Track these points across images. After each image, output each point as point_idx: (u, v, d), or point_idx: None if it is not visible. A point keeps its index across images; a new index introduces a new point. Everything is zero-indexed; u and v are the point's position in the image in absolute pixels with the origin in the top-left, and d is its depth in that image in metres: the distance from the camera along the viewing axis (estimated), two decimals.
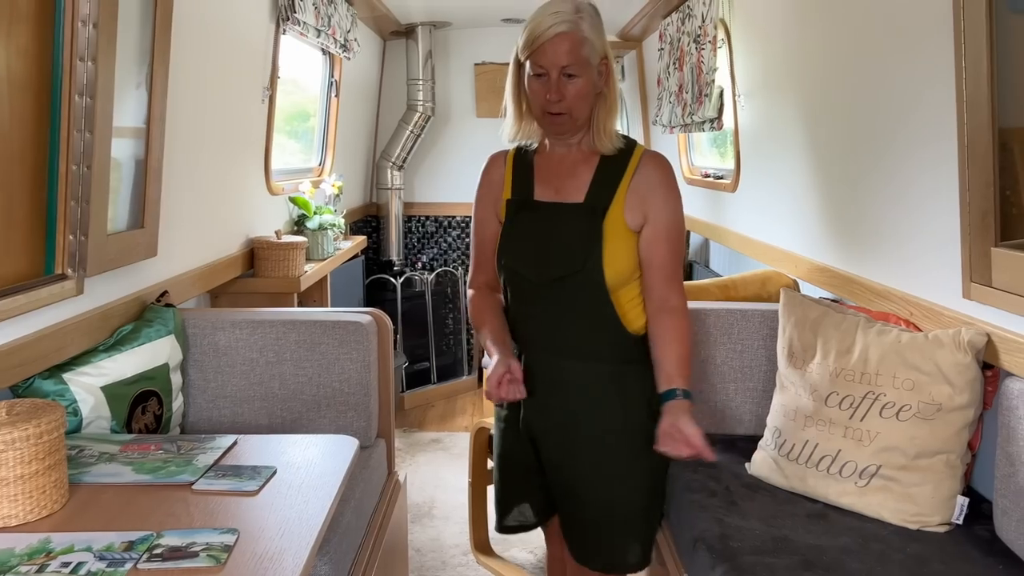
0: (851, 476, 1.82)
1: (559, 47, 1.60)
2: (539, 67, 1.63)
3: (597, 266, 1.67)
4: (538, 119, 1.72)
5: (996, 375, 1.77)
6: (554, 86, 1.63)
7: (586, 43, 1.62)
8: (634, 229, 1.70)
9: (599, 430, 1.76)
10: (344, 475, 1.48)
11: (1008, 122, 1.62)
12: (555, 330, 1.75)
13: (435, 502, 3.49)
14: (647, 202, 1.69)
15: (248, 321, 2.20)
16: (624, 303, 1.72)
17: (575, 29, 1.61)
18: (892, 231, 2.13)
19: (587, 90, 1.65)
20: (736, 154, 3.33)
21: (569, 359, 1.75)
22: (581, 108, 1.66)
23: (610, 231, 1.68)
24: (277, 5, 2.97)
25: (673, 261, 1.72)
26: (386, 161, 5.12)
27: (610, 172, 1.71)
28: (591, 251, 1.67)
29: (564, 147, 1.76)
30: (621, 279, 1.70)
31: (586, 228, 1.68)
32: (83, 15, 1.66)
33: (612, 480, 1.77)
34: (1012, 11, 1.58)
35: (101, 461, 1.54)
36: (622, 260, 1.69)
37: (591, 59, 1.64)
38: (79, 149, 1.71)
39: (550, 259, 1.70)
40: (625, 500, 1.79)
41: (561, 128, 1.70)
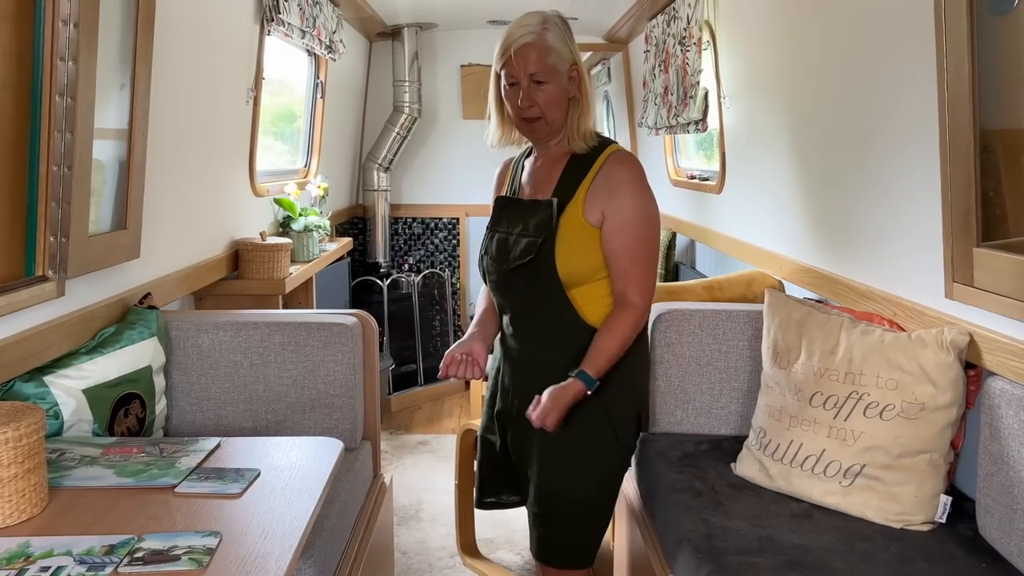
0: (835, 476, 1.83)
1: (526, 56, 1.73)
2: (511, 76, 1.76)
3: (549, 258, 1.74)
4: (517, 126, 1.83)
5: (979, 374, 1.78)
6: (525, 93, 1.75)
7: (552, 51, 1.74)
8: (596, 225, 1.76)
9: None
10: (328, 477, 1.47)
11: (990, 124, 1.63)
12: (519, 320, 1.85)
13: (422, 504, 3.48)
14: (607, 199, 1.75)
15: (232, 323, 2.18)
16: (580, 299, 1.78)
17: (540, 40, 1.73)
18: (875, 232, 2.14)
19: (557, 95, 1.76)
20: (721, 156, 3.35)
21: (530, 347, 1.85)
22: (554, 112, 1.77)
23: (566, 225, 1.76)
24: (261, 6, 2.96)
25: (628, 257, 1.75)
26: (372, 163, 5.11)
27: (576, 170, 1.79)
28: (545, 243, 1.74)
29: (544, 149, 1.87)
30: (576, 273, 1.76)
31: (543, 221, 1.76)
32: (64, 15, 1.65)
33: (559, 472, 1.81)
34: (993, 13, 1.59)
35: (82, 464, 1.52)
36: (576, 254, 1.75)
37: (558, 66, 1.75)
38: (60, 150, 1.69)
39: (512, 249, 1.79)
40: (570, 494, 1.81)
41: (538, 133, 1.81)
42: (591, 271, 1.78)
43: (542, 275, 1.76)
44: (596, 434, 1.80)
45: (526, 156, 1.96)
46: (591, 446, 1.80)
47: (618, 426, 1.81)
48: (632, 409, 1.86)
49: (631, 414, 1.86)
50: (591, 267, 1.77)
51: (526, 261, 1.76)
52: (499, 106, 1.86)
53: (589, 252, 1.76)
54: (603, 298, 1.80)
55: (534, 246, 1.76)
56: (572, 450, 1.80)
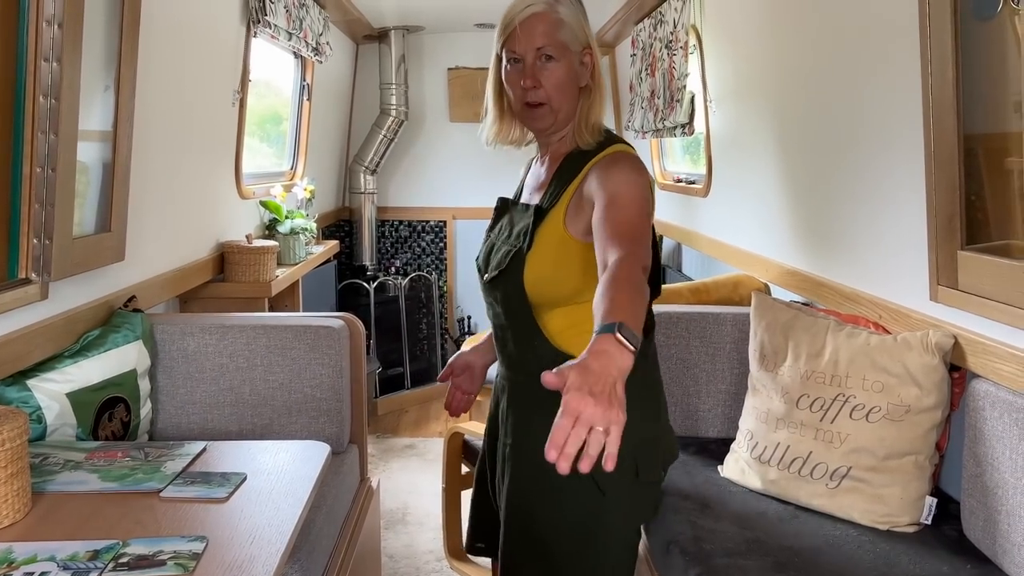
0: (822, 478, 1.83)
1: (533, 28, 1.49)
2: (513, 52, 1.51)
3: (518, 272, 1.49)
4: (518, 114, 1.57)
5: (963, 376, 1.79)
6: (529, 70, 1.49)
7: (564, 26, 1.50)
8: (580, 237, 1.47)
9: (519, 455, 1.57)
10: (315, 481, 1.46)
11: (974, 128, 1.65)
12: (500, 337, 1.63)
13: (409, 508, 3.47)
14: (597, 189, 1.43)
15: (218, 326, 2.17)
16: (552, 324, 1.51)
17: (550, 10, 1.49)
18: (861, 235, 2.16)
19: (567, 78, 1.51)
20: (707, 159, 3.36)
21: (510, 370, 1.63)
22: (561, 99, 1.51)
23: (543, 236, 1.50)
24: (248, 8, 2.95)
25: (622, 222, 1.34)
26: (359, 165, 5.10)
27: (568, 172, 1.54)
28: (517, 253, 1.50)
29: (547, 146, 1.62)
30: (545, 293, 1.49)
31: (522, 230, 1.53)
32: (48, 15, 1.63)
33: (527, 515, 1.55)
34: (977, 19, 1.61)
35: (66, 469, 1.50)
36: (547, 271, 1.48)
37: (570, 44, 1.50)
38: (43, 151, 1.67)
39: (492, 259, 1.59)
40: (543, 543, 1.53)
41: (541, 122, 1.54)
42: (565, 294, 1.49)
43: (511, 291, 1.52)
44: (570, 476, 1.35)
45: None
46: (566, 489, 1.49)
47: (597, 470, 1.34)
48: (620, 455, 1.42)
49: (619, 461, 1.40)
50: (565, 288, 1.49)
51: (496, 274, 1.54)
52: (498, 96, 1.60)
53: (567, 270, 1.48)
54: (579, 325, 1.47)
55: (507, 257, 1.52)
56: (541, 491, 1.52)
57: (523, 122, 1.59)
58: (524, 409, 1.58)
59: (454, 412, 1.87)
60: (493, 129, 1.63)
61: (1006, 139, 1.57)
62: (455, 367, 1.85)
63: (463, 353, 1.86)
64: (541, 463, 1.45)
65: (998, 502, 1.57)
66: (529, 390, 1.53)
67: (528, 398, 1.56)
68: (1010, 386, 1.58)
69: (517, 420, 1.59)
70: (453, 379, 1.85)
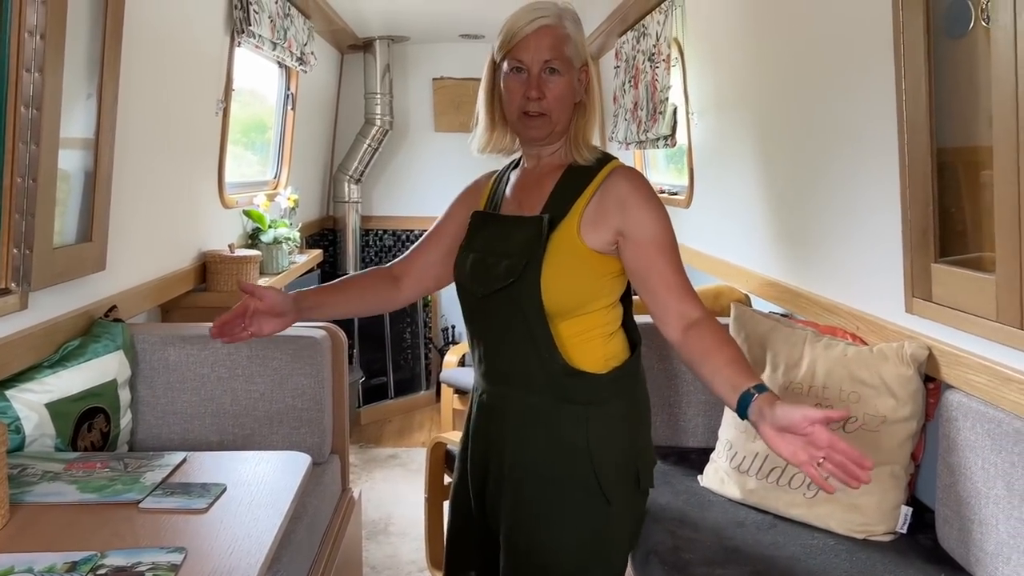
0: (800, 487, 1.85)
1: (542, 40, 1.50)
2: (518, 62, 1.51)
3: (534, 283, 1.47)
4: (513, 123, 1.56)
5: (938, 387, 1.82)
6: (534, 81, 1.50)
7: (569, 41, 1.52)
8: (595, 247, 1.49)
9: (523, 472, 1.54)
10: (295, 492, 1.47)
11: (948, 142, 1.68)
12: (495, 353, 1.58)
13: (392, 518, 3.46)
14: (621, 217, 1.49)
15: (199, 336, 2.16)
16: (565, 332, 1.51)
17: (559, 24, 1.51)
18: (839, 247, 2.18)
19: (567, 92, 1.52)
20: (689, 171, 3.39)
21: (505, 386, 1.57)
22: (560, 112, 1.52)
23: (557, 245, 1.49)
24: (232, 18, 2.95)
25: (679, 275, 1.50)
26: (343, 174, 5.10)
27: (573, 184, 1.54)
28: (529, 266, 1.48)
29: (535, 158, 1.61)
30: (564, 302, 1.49)
31: (529, 240, 1.50)
32: (30, 26, 1.63)
33: (533, 533, 1.52)
34: (949, 36, 1.64)
35: (44, 480, 1.50)
36: (566, 280, 1.49)
37: (573, 60, 1.53)
38: (24, 161, 1.67)
39: (490, 271, 1.53)
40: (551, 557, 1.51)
41: (538, 132, 1.53)
42: (580, 301, 1.50)
43: (524, 303, 1.48)
44: (577, 488, 1.50)
45: (512, 168, 1.69)
46: (572, 502, 1.51)
47: (605, 480, 1.50)
48: (624, 463, 1.54)
49: (623, 470, 1.53)
50: (581, 296, 1.50)
51: (506, 285, 1.49)
52: (490, 105, 1.59)
53: (581, 279, 1.50)
54: (588, 331, 1.52)
55: (516, 268, 1.48)
56: (548, 505, 1.51)
57: (516, 130, 1.58)
58: (522, 426, 1.54)
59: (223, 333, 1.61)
60: (484, 137, 1.63)
61: (977, 152, 1.60)
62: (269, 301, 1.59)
63: (285, 297, 1.61)
64: (546, 479, 1.51)
65: (971, 511, 1.59)
66: (528, 406, 1.53)
67: (527, 414, 1.54)
68: (982, 397, 1.61)
69: (515, 437, 1.55)
70: (255, 303, 1.60)
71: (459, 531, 1.72)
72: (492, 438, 1.59)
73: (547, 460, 1.52)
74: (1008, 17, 1.38)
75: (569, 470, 1.51)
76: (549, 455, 1.52)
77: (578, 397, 1.51)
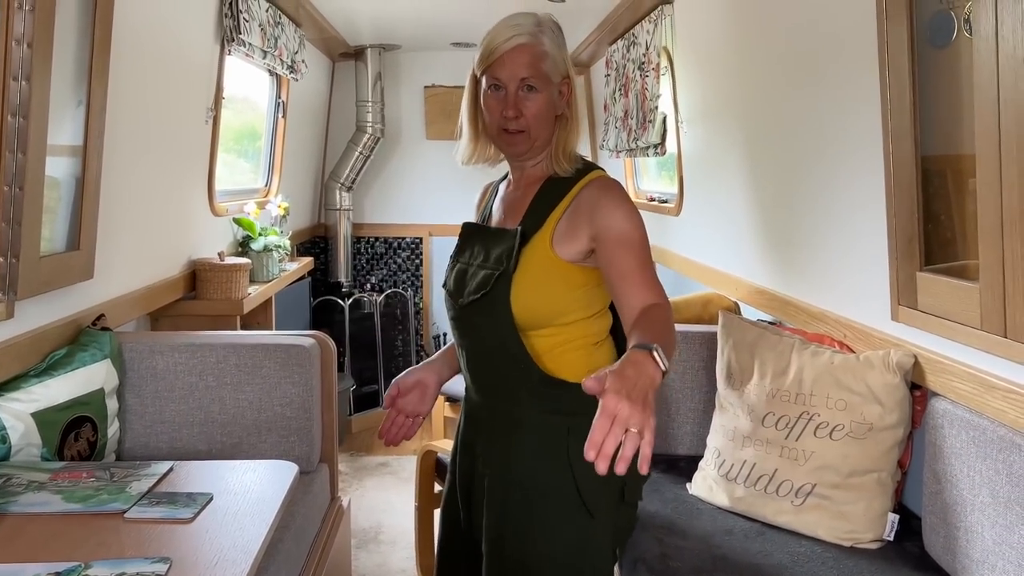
0: (787, 495, 1.86)
1: (518, 59, 1.50)
2: (496, 80, 1.51)
3: (504, 295, 1.48)
4: (494, 138, 1.58)
5: (924, 395, 1.83)
6: (511, 100, 1.50)
7: (547, 57, 1.51)
8: (568, 259, 1.49)
9: (506, 483, 1.54)
10: (282, 501, 1.46)
11: (933, 150, 1.69)
12: (476, 364, 1.59)
13: (382, 527, 3.45)
14: (591, 222, 1.48)
15: (187, 345, 2.16)
16: (539, 345, 1.51)
17: (535, 41, 1.50)
18: (826, 255, 2.20)
19: (546, 108, 1.52)
20: (679, 179, 3.40)
21: (488, 397, 1.59)
22: (539, 128, 1.53)
23: (529, 258, 1.49)
24: (222, 26, 2.95)
25: (641, 269, 1.44)
26: (335, 182, 5.10)
27: (550, 196, 1.54)
28: (501, 277, 1.49)
29: (519, 170, 1.62)
30: (533, 315, 1.49)
31: (504, 252, 1.51)
32: (17, 34, 1.63)
33: (515, 546, 1.51)
34: (933, 46, 1.66)
35: (29, 490, 1.49)
36: (535, 292, 1.49)
37: (551, 76, 1.52)
38: (11, 170, 1.67)
39: (468, 283, 1.55)
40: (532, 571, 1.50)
41: (518, 149, 1.55)
42: (554, 313, 1.50)
43: (496, 314, 1.49)
44: (560, 500, 1.49)
45: (503, 179, 1.71)
46: (554, 515, 1.49)
47: (587, 493, 1.49)
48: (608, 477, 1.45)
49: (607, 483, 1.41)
50: (555, 308, 1.50)
51: (479, 297, 1.51)
52: (473, 117, 1.60)
53: (554, 291, 1.50)
54: (569, 342, 1.52)
55: (489, 280, 1.50)
56: (531, 518, 1.50)
57: (498, 146, 1.61)
58: (506, 437, 1.54)
59: (393, 440, 1.69)
60: (468, 149, 1.63)
61: (961, 161, 1.61)
62: (403, 386, 1.68)
63: (413, 370, 1.71)
64: (528, 491, 1.50)
65: (957, 518, 1.60)
66: (511, 418, 1.54)
67: (510, 426, 1.54)
68: (967, 404, 1.62)
69: (499, 449, 1.55)
70: (398, 400, 1.69)
71: (449, 541, 1.71)
72: (477, 449, 1.59)
73: (529, 472, 1.52)
74: (990, 27, 1.39)
75: (551, 482, 1.50)
76: (531, 467, 1.52)
77: (560, 408, 1.51)
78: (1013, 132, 1.36)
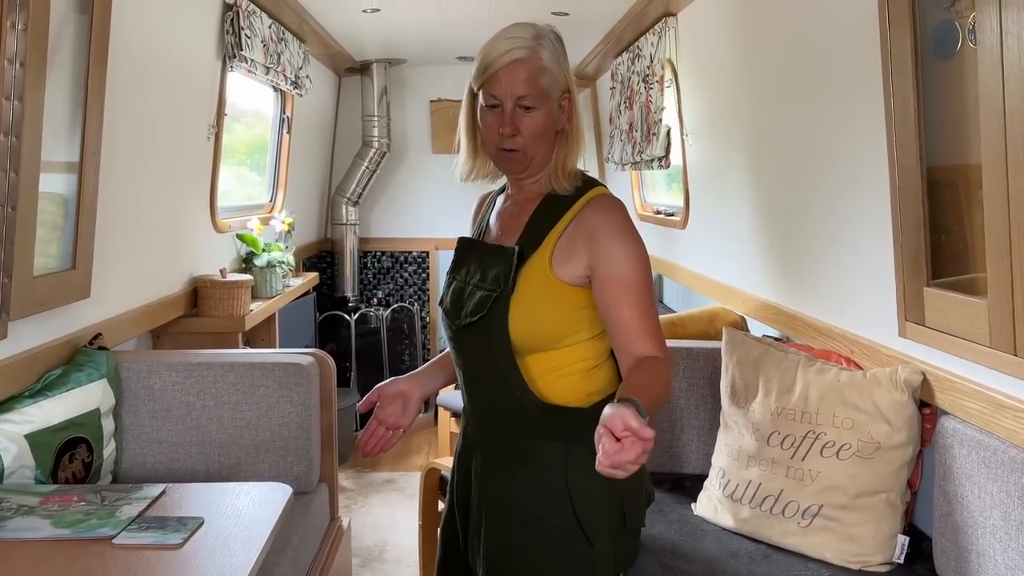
0: (794, 516, 1.81)
1: (515, 75, 1.43)
2: (492, 97, 1.45)
3: (502, 317, 1.43)
4: (492, 156, 1.53)
5: (934, 412, 1.78)
6: (508, 118, 1.44)
7: (545, 73, 1.44)
8: (568, 281, 1.44)
9: (502, 509, 1.50)
10: (273, 525, 1.43)
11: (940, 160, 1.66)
12: (473, 385, 1.55)
13: (387, 545, 3.41)
14: (589, 250, 1.43)
15: (185, 364, 2.14)
16: (534, 368, 1.46)
17: (533, 56, 1.43)
18: (832, 270, 2.16)
19: (545, 126, 1.47)
20: (685, 192, 3.37)
21: (484, 419, 1.55)
22: (537, 146, 1.47)
23: (527, 279, 1.44)
24: (224, 43, 2.95)
25: (640, 317, 1.40)
26: (341, 196, 5.09)
27: (549, 214, 1.49)
28: (499, 299, 1.44)
29: (518, 186, 1.57)
30: (532, 338, 1.44)
31: (501, 272, 1.46)
32: (10, 54, 1.62)
33: (514, 571, 1.48)
34: (938, 57, 1.62)
35: (18, 515, 1.47)
36: (535, 315, 1.43)
37: (551, 91, 1.46)
38: (4, 190, 1.65)
39: (465, 304, 1.50)
40: None
41: (516, 167, 1.50)
42: (554, 336, 1.45)
43: (492, 337, 1.44)
44: (558, 528, 1.45)
45: (500, 191, 1.66)
46: (551, 543, 1.45)
47: (586, 520, 1.44)
48: (607, 503, 1.47)
49: (607, 509, 1.47)
50: (555, 331, 1.45)
51: (475, 320, 1.46)
52: (471, 132, 1.55)
53: (552, 313, 1.44)
54: (566, 366, 1.47)
55: (487, 301, 1.45)
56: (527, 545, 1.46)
57: (496, 164, 1.56)
58: (503, 462, 1.50)
59: (371, 452, 1.61)
60: (467, 165, 1.59)
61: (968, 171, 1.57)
62: (384, 395, 1.61)
63: (397, 380, 1.64)
64: (526, 518, 1.46)
65: (968, 541, 1.55)
66: (506, 442, 1.49)
67: (507, 450, 1.49)
68: (977, 424, 1.57)
69: (495, 475, 1.51)
70: (378, 410, 1.61)
71: (447, 561, 1.67)
72: (474, 470, 1.55)
73: (526, 498, 1.47)
74: (994, 37, 1.36)
75: (548, 510, 1.45)
76: (528, 493, 1.47)
77: (557, 434, 1.46)
78: (1019, 143, 1.33)
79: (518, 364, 1.45)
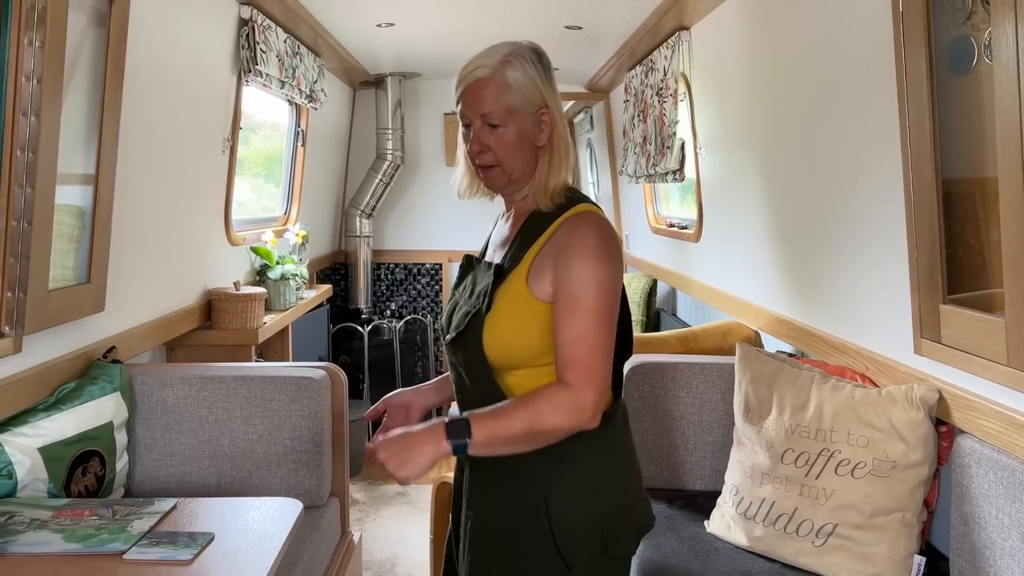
0: (808, 535, 1.79)
1: (478, 93, 1.45)
2: (463, 116, 1.48)
3: (477, 334, 1.43)
4: (476, 174, 1.54)
5: (951, 430, 1.75)
6: (475, 136, 1.46)
7: (510, 90, 1.44)
8: (542, 299, 1.42)
9: (485, 527, 1.48)
10: (284, 541, 1.43)
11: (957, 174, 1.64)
12: (460, 400, 1.55)
13: (398, 559, 3.40)
14: (554, 268, 1.42)
15: (197, 377, 2.15)
16: (516, 387, 1.44)
17: (495, 75, 1.44)
18: (847, 285, 2.14)
19: (517, 142, 1.46)
20: (698, 205, 3.36)
21: None
22: (512, 160, 1.47)
23: (505, 296, 1.44)
24: (239, 57, 2.97)
25: (575, 342, 1.37)
26: (355, 209, 5.12)
27: (531, 232, 1.48)
28: (476, 315, 1.44)
29: (511, 203, 1.58)
30: (507, 355, 1.43)
31: (483, 289, 1.46)
32: (27, 71, 1.64)
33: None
34: (954, 73, 1.61)
35: (31, 529, 1.47)
36: (509, 332, 1.42)
37: (519, 108, 1.45)
38: (20, 205, 1.67)
39: (452, 320, 1.52)
40: None
41: (495, 182, 1.51)
42: (527, 354, 1.43)
43: (470, 352, 1.45)
44: (537, 550, 1.42)
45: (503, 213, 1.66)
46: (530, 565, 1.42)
47: (565, 545, 1.41)
48: (589, 527, 1.43)
49: (587, 533, 1.43)
50: (527, 349, 1.43)
51: (455, 336, 1.48)
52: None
53: (526, 331, 1.42)
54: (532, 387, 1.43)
55: (466, 318, 1.46)
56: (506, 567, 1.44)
57: (482, 182, 1.56)
58: (487, 480, 1.48)
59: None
60: (464, 182, 1.60)
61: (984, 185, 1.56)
62: (390, 404, 1.66)
63: (404, 391, 1.68)
64: (507, 537, 1.44)
65: (986, 563, 1.53)
66: (490, 458, 1.43)
67: (489, 467, 1.46)
68: (995, 443, 1.55)
69: (479, 491, 1.49)
70: (386, 421, 1.65)
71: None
72: (467, 489, 1.53)
73: (507, 517, 1.45)
74: (1010, 53, 1.35)
75: (527, 531, 1.42)
76: (507, 511, 1.45)
77: (539, 452, 1.41)
78: None
79: (497, 381, 1.45)
